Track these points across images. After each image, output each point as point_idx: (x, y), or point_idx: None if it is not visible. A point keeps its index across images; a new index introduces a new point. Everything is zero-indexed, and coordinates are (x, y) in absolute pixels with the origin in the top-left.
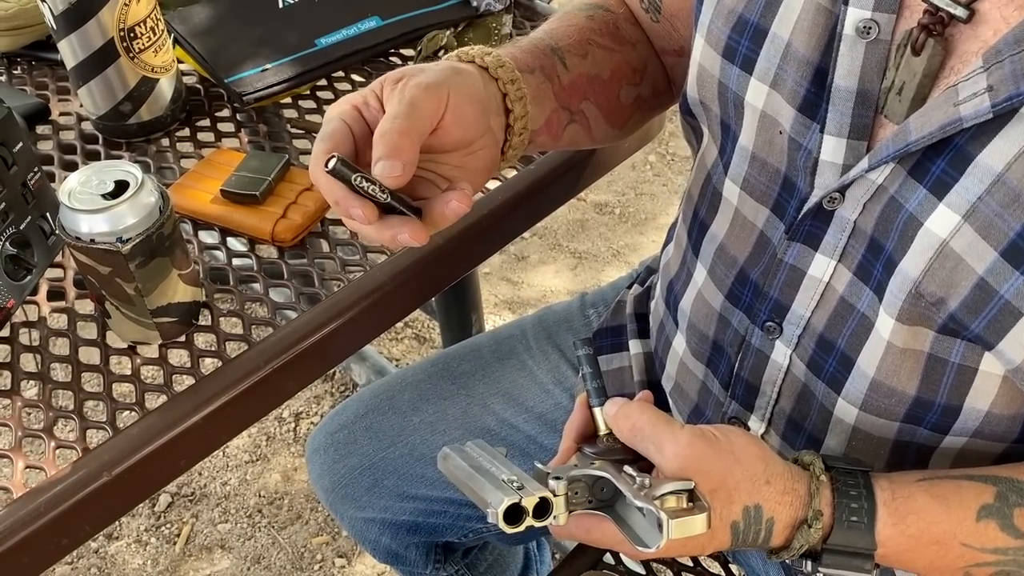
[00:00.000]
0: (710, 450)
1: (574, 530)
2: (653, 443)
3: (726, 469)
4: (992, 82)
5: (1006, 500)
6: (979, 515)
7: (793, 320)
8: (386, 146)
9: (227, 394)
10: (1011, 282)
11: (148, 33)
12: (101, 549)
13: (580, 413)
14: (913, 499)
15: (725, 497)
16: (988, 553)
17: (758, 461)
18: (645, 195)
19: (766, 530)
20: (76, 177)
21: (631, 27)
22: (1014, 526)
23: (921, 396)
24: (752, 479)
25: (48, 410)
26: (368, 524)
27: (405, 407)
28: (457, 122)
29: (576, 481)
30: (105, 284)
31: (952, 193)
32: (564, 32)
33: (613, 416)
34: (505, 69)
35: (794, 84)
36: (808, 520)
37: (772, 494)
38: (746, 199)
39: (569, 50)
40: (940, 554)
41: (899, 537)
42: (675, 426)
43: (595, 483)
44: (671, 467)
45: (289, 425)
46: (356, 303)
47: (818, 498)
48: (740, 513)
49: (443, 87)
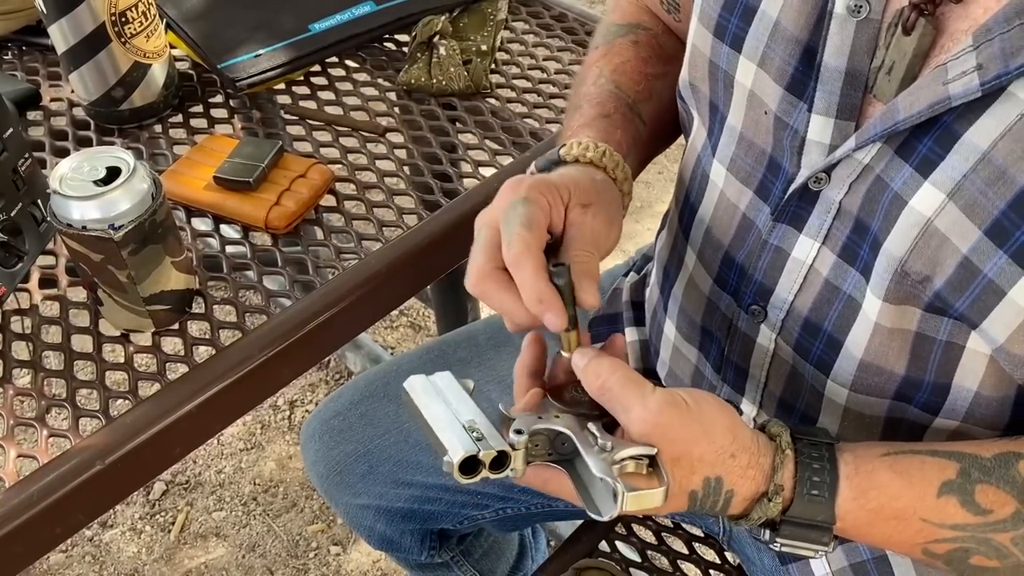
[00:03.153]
0: (678, 419)
1: (532, 479)
2: (621, 404)
3: (692, 440)
4: (981, 60)
5: (968, 476)
6: (940, 491)
7: (776, 304)
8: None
9: (221, 382)
10: (994, 261)
11: (140, 18)
12: (96, 537)
13: (531, 348)
14: (876, 474)
15: (687, 467)
16: (947, 529)
17: (726, 433)
18: (640, 182)
19: (724, 500)
20: (67, 163)
21: (668, 39)
22: (975, 502)
23: (910, 375)
24: (717, 452)
25: (41, 398)
26: (363, 511)
27: (400, 394)
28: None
29: (538, 434)
30: (97, 271)
31: (937, 171)
32: (628, 78)
33: (583, 369)
34: (607, 156)
35: (781, 63)
36: (768, 494)
37: (735, 468)
38: (731, 180)
39: (639, 99)
40: (899, 529)
41: (859, 511)
42: (646, 389)
43: (556, 437)
44: (636, 431)
45: (284, 413)
46: (351, 291)
47: (781, 471)
48: (700, 484)
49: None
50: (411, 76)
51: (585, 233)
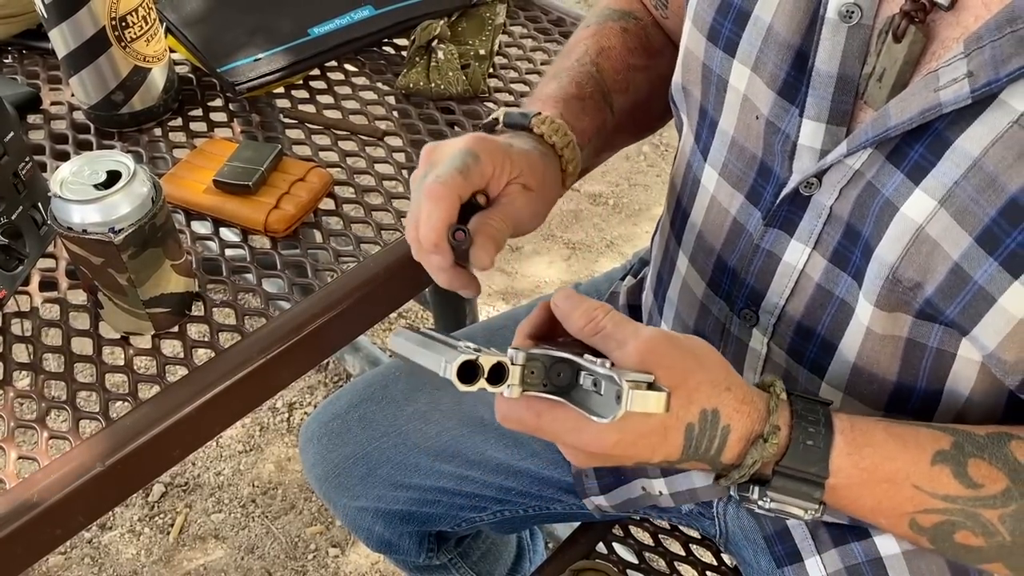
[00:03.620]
0: (673, 347)
1: (524, 412)
2: (616, 340)
3: (688, 368)
4: (972, 68)
5: (962, 449)
6: (934, 459)
7: (768, 308)
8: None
9: (220, 384)
10: (985, 268)
11: (140, 22)
12: (95, 539)
13: (540, 314)
14: (871, 433)
15: (684, 396)
16: (938, 499)
17: (720, 367)
18: (639, 186)
19: (721, 437)
20: (68, 167)
21: (657, 33)
22: (967, 475)
23: (902, 382)
24: (713, 383)
25: (41, 400)
26: (362, 513)
27: (398, 397)
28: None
29: (534, 360)
30: (98, 274)
31: (929, 178)
32: (610, 64)
33: (572, 310)
34: (560, 135)
35: (774, 67)
36: (764, 435)
37: (731, 401)
38: (722, 185)
39: (615, 88)
40: (890, 493)
41: (852, 468)
42: (638, 324)
43: (552, 366)
44: (633, 360)
45: (283, 415)
46: (350, 294)
47: (776, 415)
48: (697, 415)
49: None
50: (410, 80)
51: (511, 209)
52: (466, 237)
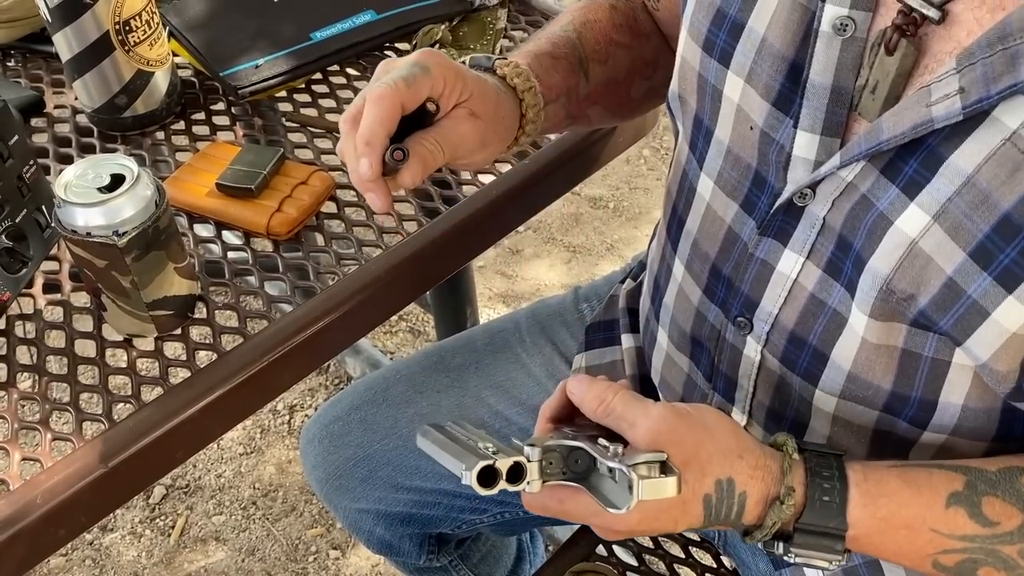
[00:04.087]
0: (682, 423)
1: (547, 500)
2: (626, 420)
3: (698, 441)
4: (964, 84)
5: (975, 488)
6: (948, 502)
7: (762, 316)
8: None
9: (223, 387)
10: (978, 283)
11: (143, 26)
12: (96, 541)
13: (559, 396)
14: (885, 482)
15: (698, 469)
16: (956, 540)
17: (730, 435)
18: (639, 189)
19: (739, 505)
20: (72, 170)
21: (646, 18)
22: (982, 514)
23: (897, 391)
24: (725, 452)
25: (44, 402)
26: (362, 515)
27: (399, 399)
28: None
29: (551, 451)
30: (101, 277)
31: (923, 193)
32: (592, 34)
33: (583, 395)
34: (522, 78)
35: (768, 79)
36: (780, 496)
37: (744, 468)
38: (718, 194)
39: (593, 56)
40: (909, 539)
41: (870, 519)
42: (647, 403)
43: (569, 455)
44: (644, 440)
45: (283, 417)
46: (351, 297)
47: (790, 475)
48: (713, 486)
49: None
50: None
51: (452, 135)
52: (404, 157)
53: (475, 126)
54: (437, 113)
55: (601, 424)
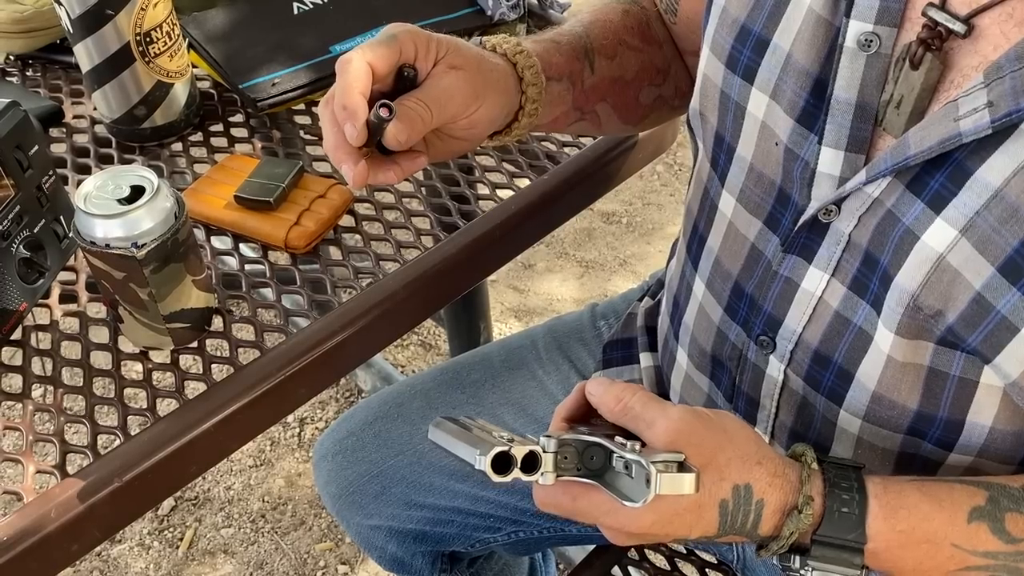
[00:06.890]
0: (702, 425)
1: (560, 496)
2: (644, 420)
3: (717, 445)
4: (992, 98)
5: (997, 504)
6: (970, 516)
7: (785, 335)
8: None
9: (239, 401)
10: (1008, 298)
11: (164, 38)
12: (104, 552)
13: (575, 397)
14: (905, 495)
15: (715, 473)
16: (979, 556)
17: (750, 442)
18: (652, 205)
19: (755, 513)
20: (92, 181)
21: (660, 25)
22: (1005, 530)
23: (923, 411)
24: (743, 458)
25: (59, 414)
26: (375, 531)
27: (414, 415)
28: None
29: (567, 445)
30: (119, 289)
31: (950, 208)
32: (600, 31)
33: (602, 395)
34: (523, 55)
35: (793, 95)
36: (799, 506)
37: (763, 475)
38: (740, 211)
39: (600, 51)
40: (930, 554)
41: (889, 532)
42: (667, 404)
43: (585, 450)
44: (662, 440)
45: (294, 430)
46: (368, 311)
47: (809, 485)
48: (730, 492)
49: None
50: None
51: (435, 91)
52: (391, 114)
53: (458, 77)
54: (416, 78)
55: (618, 425)
